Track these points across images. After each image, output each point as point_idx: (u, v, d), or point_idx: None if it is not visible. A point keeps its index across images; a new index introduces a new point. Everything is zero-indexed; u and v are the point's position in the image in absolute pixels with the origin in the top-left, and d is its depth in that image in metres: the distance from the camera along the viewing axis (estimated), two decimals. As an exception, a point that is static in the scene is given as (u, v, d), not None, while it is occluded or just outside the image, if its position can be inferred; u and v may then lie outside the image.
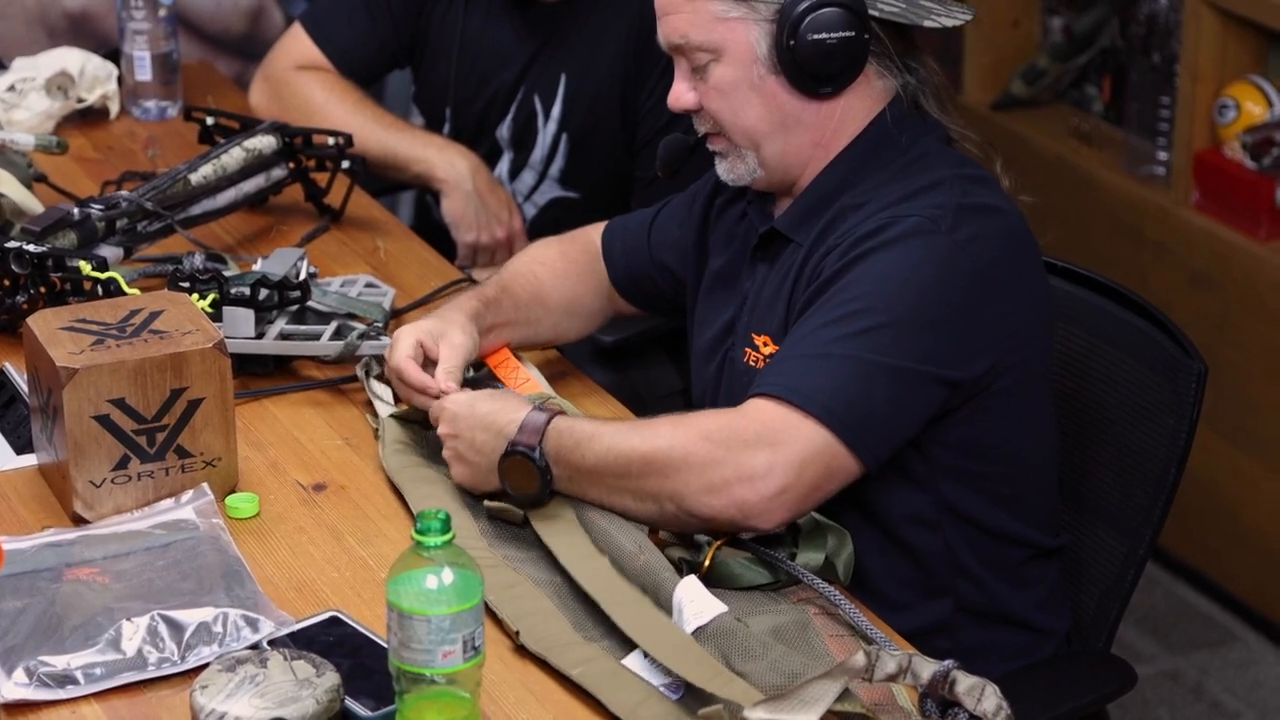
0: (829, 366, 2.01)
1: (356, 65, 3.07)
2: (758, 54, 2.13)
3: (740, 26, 2.12)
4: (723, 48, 2.13)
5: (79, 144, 3.04)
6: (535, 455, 2.05)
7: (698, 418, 2.04)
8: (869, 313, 2.03)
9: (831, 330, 2.03)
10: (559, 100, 2.98)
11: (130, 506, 2.13)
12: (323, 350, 2.42)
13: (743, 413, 2.02)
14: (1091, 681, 2.21)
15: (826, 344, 2.03)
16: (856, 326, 2.02)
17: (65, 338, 2.12)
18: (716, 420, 2.02)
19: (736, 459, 1.98)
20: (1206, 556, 3.63)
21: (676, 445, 2.01)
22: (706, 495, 1.98)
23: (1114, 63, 3.91)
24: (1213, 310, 3.52)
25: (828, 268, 2.09)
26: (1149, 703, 3.40)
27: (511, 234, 2.99)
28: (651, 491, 2.01)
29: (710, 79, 2.15)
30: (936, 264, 2.05)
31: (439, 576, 1.74)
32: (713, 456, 1.98)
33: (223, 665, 1.83)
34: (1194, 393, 2.24)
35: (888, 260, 2.05)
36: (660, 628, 1.90)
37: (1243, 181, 3.52)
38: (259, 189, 2.77)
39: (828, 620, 1.98)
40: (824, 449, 1.99)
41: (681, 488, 1.99)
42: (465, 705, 1.77)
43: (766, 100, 2.15)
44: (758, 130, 2.16)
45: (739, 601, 1.99)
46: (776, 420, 1.99)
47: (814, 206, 2.18)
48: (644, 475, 2.01)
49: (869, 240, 2.07)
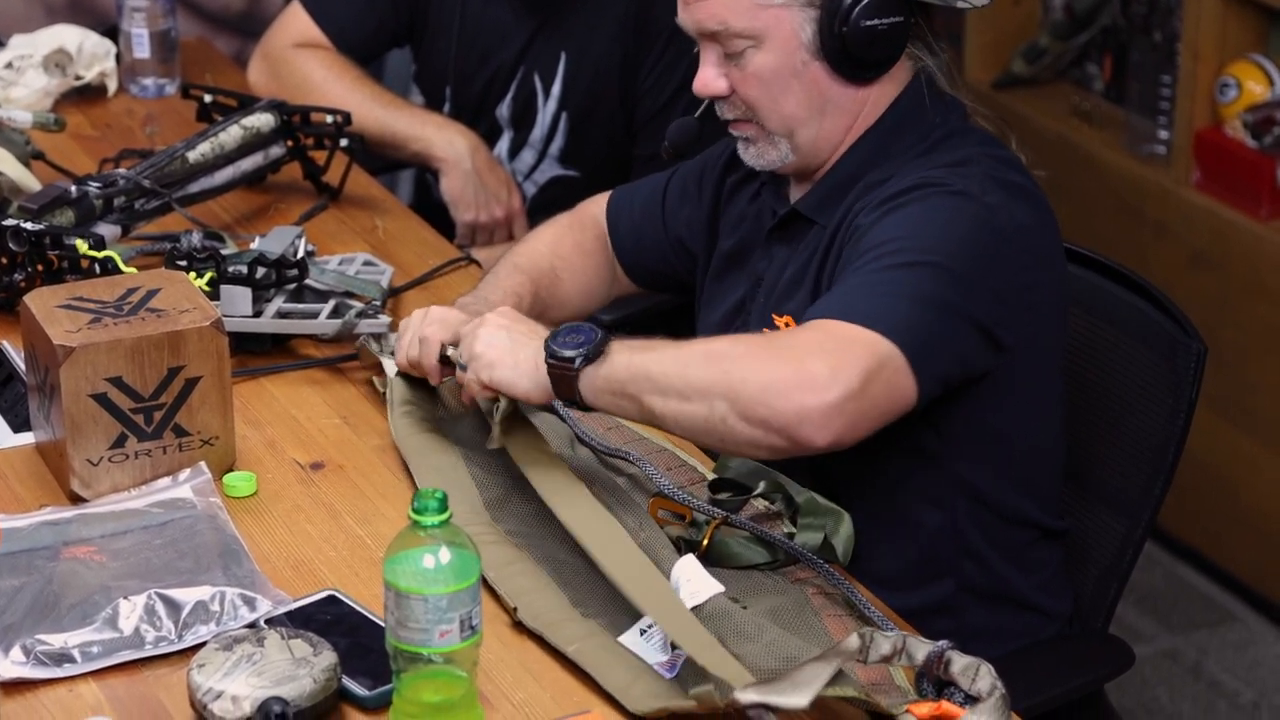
0: (883, 293, 1.96)
1: (355, 43, 3.07)
2: (801, 40, 2.10)
3: (784, 13, 2.09)
4: (764, 34, 2.10)
5: (77, 121, 3.04)
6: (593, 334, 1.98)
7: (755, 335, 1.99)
8: (913, 251, 1.99)
9: (877, 266, 1.98)
10: (559, 79, 2.97)
11: (127, 485, 2.12)
12: (320, 329, 2.42)
13: (802, 328, 1.96)
14: (1090, 661, 2.21)
15: (875, 275, 1.98)
16: (902, 260, 1.98)
17: (62, 316, 2.11)
18: (775, 334, 1.96)
19: (800, 362, 1.88)
20: (1205, 536, 3.63)
21: (739, 343, 1.94)
22: (764, 395, 1.87)
23: (1115, 41, 3.90)
24: (1213, 290, 3.51)
25: (860, 225, 2.06)
26: (1148, 682, 3.40)
27: (510, 213, 2.99)
28: (704, 385, 1.90)
29: (748, 66, 2.12)
30: (970, 220, 2.03)
31: (436, 556, 1.73)
32: (776, 357, 1.90)
33: (220, 644, 1.83)
34: (1193, 373, 2.24)
35: (923, 210, 2.03)
36: (666, 599, 1.89)
37: (1244, 161, 3.51)
38: (257, 167, 2.77)
39: (826, 600, 1.98)
40: (888, 361, 1.91)
41: (739, 384, 1.89)
42: (462, 684, 1.77)
43: (808, 87, 2.12)
44: (796, 117, 2.13)
45: (737, 581, 1.98)
46: (840, 330, 1.92)
47: (838, 187, 2.16)
48: (701, 364, 1.92)
49: (901, 196, 2.05)
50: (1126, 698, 3.32)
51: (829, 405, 1.87)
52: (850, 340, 1.91)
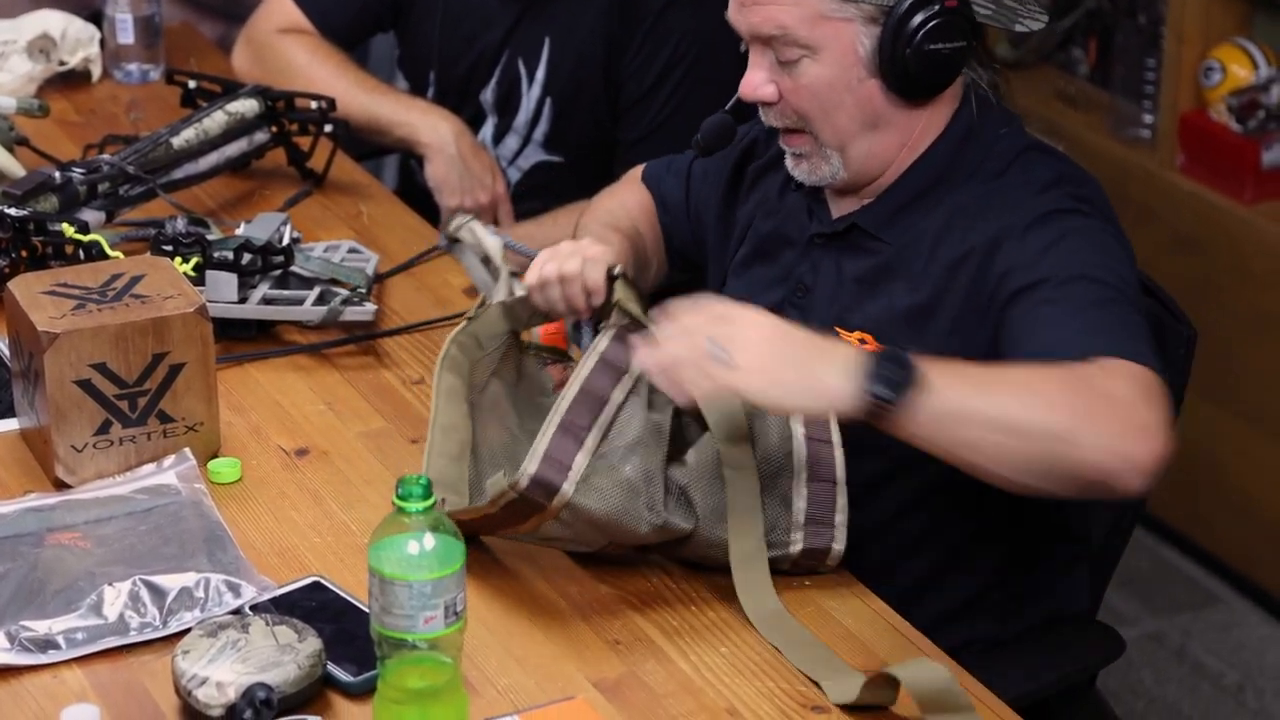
0: (1132, 333, 1.92)
1: (339, 28, 3.06)
2: (860, 55, 2.05)
3: (845, 26, 2.04)
4: (822, 46, 2.05)
5: (60, 107, 3.03)
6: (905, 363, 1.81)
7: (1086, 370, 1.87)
8: (1118, 285, 1.96)
9: (1104, 299, 1.94)
10: (542, 64, 2.97)
11: (112, 471, 2.12)
12: (306, 315, 2.42)
13: (1109, 369, 1.87)
14: (1079, 649, 2.22)
15: (1112, 312, 1.94)
16: (1119, 295, 1.95)
17: (46, 302, 2.11)
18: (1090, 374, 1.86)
19: (1130, 414, 1.82)
20: (1190, 519, 3.63)
21: (1068, 386, 1.83)
22: (1109, 445, 1.79)
23: (1099, 25, 3.90)
24: (1197, 273, 3.52)
25: (1020, 263, 1.99)
26: (1132, 665, 3.41)
27: (495, 198, 2.98)
28: (1043, 430, 1.80)
29: (802, 76, 2.07)
30: (1116, 244, 2.02)
31: (420, 542, 1.74)
32: (1113, 408, 1.82)
33: (204, 630, 1.83)
34: (1182, 357, 2.24)
35: (1088, 239, 2.00)
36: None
37: (1228, 144, 3.51)
38: (241, 153, 2.76)
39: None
40: (1171, 412, 1.87)
41: (1084, 429, 1.79)
42: (447, 670, 1.77)
43: (861, 103, 2.07)
44: (847, 131, 2.09)
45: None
46: (1144, 376, 1.86)
47: (905, 206, 2.11)
48: (1041, 407, 1.81)
49: (1046, 221, 2.01)
50: (1111, 680, 3.33)
51: (1160, 457, 1.82)
52: (1156, 389, 1.85)
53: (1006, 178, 2.10)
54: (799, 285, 2.19)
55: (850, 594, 2.01)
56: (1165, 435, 1.82)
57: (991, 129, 2.13)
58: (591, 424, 1.92)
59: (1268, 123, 3.50)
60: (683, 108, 2.88)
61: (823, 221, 2.19)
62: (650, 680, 1.88)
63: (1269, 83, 3.50)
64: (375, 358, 2.42)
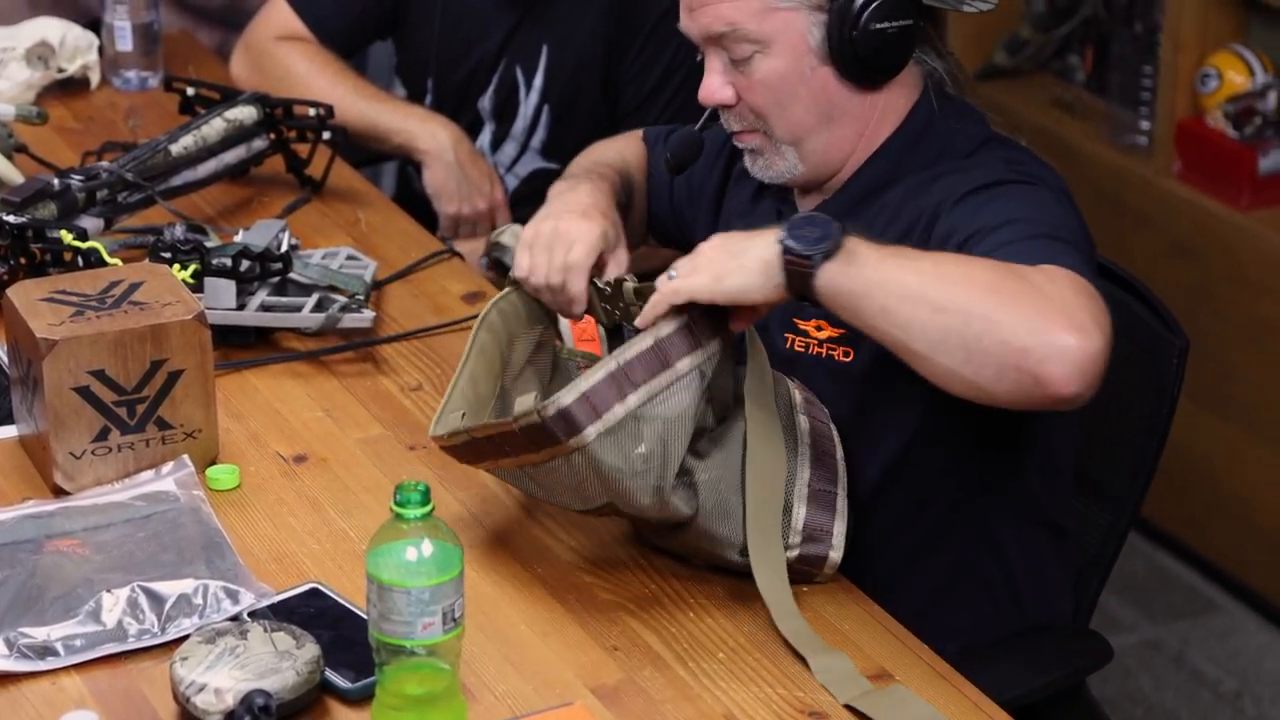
0: (1081, 266, 1.90)
1: (337, 35, 3.07)
2: (810, 44, 2.06)
3: (793, 16, 2.06)
4: (773, 39, 2.06)
5: (59, 114, 3.03)
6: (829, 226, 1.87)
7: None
8: (1060, 230, 1.96)
9: (1040, 234, 1.93)
10: (540, 72, 2.98)
11: (111, 478, 2.12)
12: (304, 322, 2.42)
13: (1041, 269, 1.85)
14: (1068, 655, 2.22)
15: (1048, 243, 1.93)
16: (1061, 235, 1.94)
17: (45, 309, 2.11)
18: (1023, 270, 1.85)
19: (1065, 303, 1.81)
20: (1187, 526, 3.64)
21: (999, 271, 1.84)
22: (1032, 325, 1.79)
23: (1096, 32, 3.91)
24: (1194, 280, 3.52)
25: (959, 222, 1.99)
26: (1130, 672, 3.41)
27: (493, 205, 2.99)
28: (965, 304, 1.81)
29: (755, 73, 2.08)
30: (1062, 214, 2.01)
31: (418, 548, 1.74)
32: (1040, 294, 1.81)
33: (203, 637, 1.83)
34: (1176, 367, 2.24)
35: (1028, 198, 2.00)
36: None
37: (1225, 151, 3.52)
38: (240, 160, 2.77)
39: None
40: (1111, 333, 1.84)
41: (1008, 307, 1.80)
42: (445, 677, 1.77)
43: (815, 93, 2.09)
44: (804, 124, 2.10)
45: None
46: (1084, 284, 1.86)
47: (861, 198, 2.13)
48: (963, 284, 1.83)
49: (988, 189, 2.01)
50: (1109, 688, 3.33)
51: (1092, 352, 1.79)
52: (1094, 296, 1.85)
53: (965, 163, 2.10)
54: None
55: (849, 599, 2.01)
56: (1099, 333, 1.80)
57: (951, 121, 2.14)
58: (643, 382, 1.90)
59: (1264, 129, 3.51)
60: (681, 113, 2.88)
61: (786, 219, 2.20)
62: (648, 687, 1.88)
63: (1265, 89, 3.51)
64: (373, 364, 2.42)
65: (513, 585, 2.02)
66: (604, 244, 2.18)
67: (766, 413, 1.97)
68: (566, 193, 2.26)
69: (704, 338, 1.93)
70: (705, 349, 1.93)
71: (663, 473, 1.92)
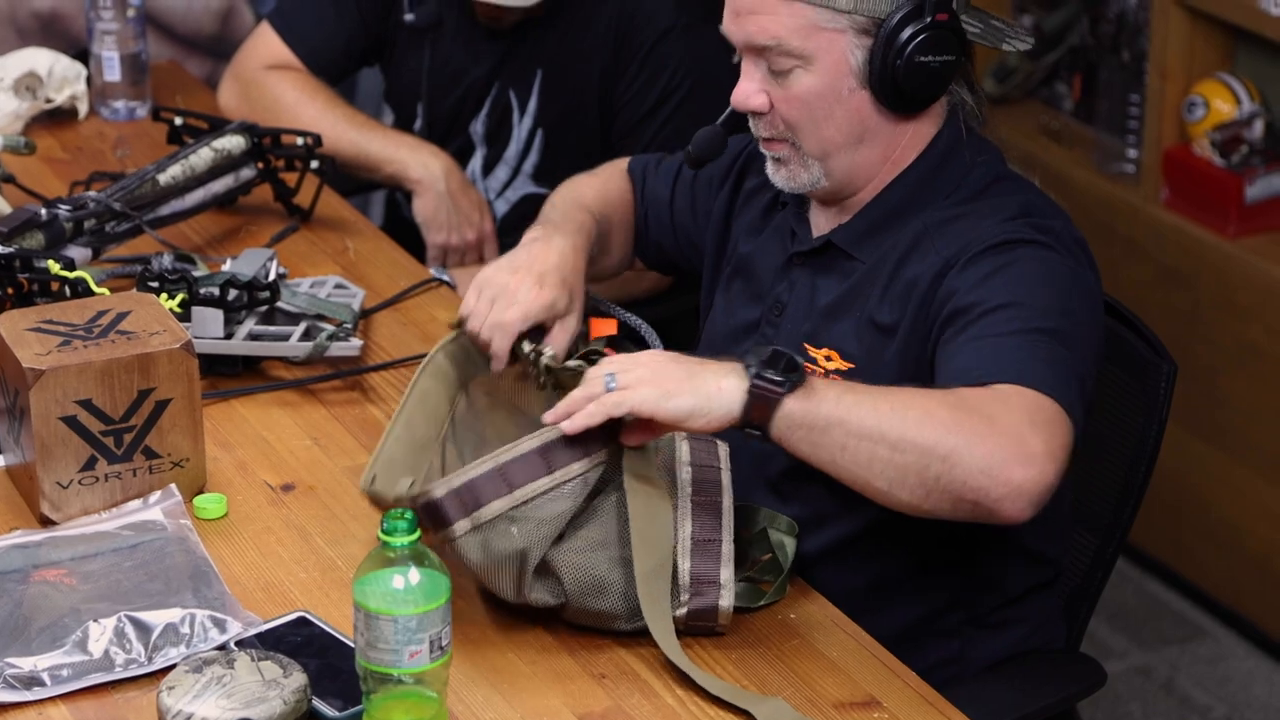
0: (1051, 362, 1.92)
1: (325, 63, 3.07)
2: (851, 67, 2.07)
3: (838, 37, 2.06)
4: (815, 56, 2.06)
5: (47, 144, 3.04)
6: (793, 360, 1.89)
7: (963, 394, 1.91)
8: (1048, 315, 1.97)
9: (1021, 327, 1.95)
10: (534, 95, 2.98)
11: (98, 508, 2.12)
12: (292, 351, 2.42)
13: (1003, 392, 1.89)
14: (1060, 680, 2.22)
15: (1030, 341, 1.94)
16: (1046, 325, 1.95)
17: (32, 339, 2.11)
18: (981, 397, 1.89)
19: (1019, 438, 1.84)
20: (1177, 552, 3.64)
21: (957, 408, 1.87)
22: (987, 466, 1.83)
23: (1084, 61, 3.92)
24: (1182, 307, 3.53)
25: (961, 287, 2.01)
26: (1120, 698, 3.41)
27: (482, 235, 2.99)
28: (922, 444, 1.84)
29: (793, 86, 2.08)
30: (1071, 279, 2.03)
31: (405, 576, 1.74)
32: (994, 428, 1.85)
33: (190, 666, 1.83)
34: (1164, 392, 2.24)
35: (1034, 269, 2.01)
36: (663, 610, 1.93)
37: (1212, 179, 3.53)
38: (228, 189, 2.77)
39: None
40: (1071, 442, 1.89)
41: (962, 450, 1.84)
42: (432, 705, 1.77)
43: (850, 114, 2.09)
44: (834, 142, 2.11)
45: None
46: (1041, 404, 1.88)
47: (879, 224, 2.13)
48: (920, 421, 1.85)
49: (998, 251, 2.02)
50: (1100, 714, 3.33)
51: (1044, 485, 1.85)
52: (1052, 417, 1.88)
53: (977, 204, 2.11)
54: (776, 303, 2.21)
55: (834, 625, 2.01)
56: (1051, 463, 1.85)
57: (971, 153, 2.14)
58: (521, 485, 1.91)
59: (1251, 157, 3.52)
60: (675, 137, 2.89)
61: (802, 240, 2.20)
62: (636, 714, 1.88)
63: (1252, 118, 3.52)
64: (361, 393, 2.42)
65: (500, 613, 2.01)
66: (548, 314, 2.18)
67: (648, 485, 1.96)
68: (538, 244, 2.27)
69: (594, 446, 1.93)
70: (593, 457, 1.93)
71: (524, 570, 1.92)
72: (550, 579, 1.95)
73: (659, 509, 1.95)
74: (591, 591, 1.94)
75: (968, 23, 2.10)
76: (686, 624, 1.95)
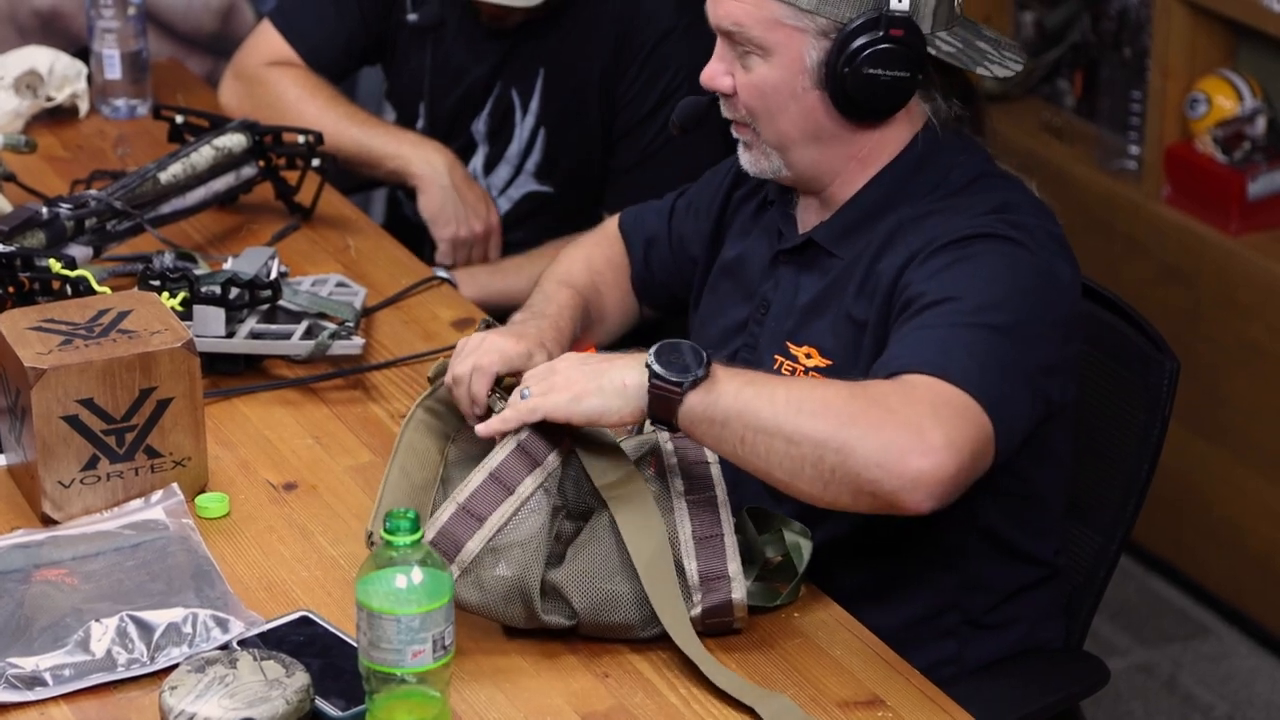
0: (974, 354, 1.93)
1: (327, 61, 3.07)
2: (806, 65, 2.08)
3: (798, 35, 2.07)
4: (773, 50, 2.09)
5: (48, 143, 3.03)
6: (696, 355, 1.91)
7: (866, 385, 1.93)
8: (990, 310, 1.97)
9: (956, 321, 1.96)
10: (537, 94, 2.98)
11: (99, 507, 2.12)
12: (293, 350, 2.42)
13: (908, 384, 1.91)
14: (1063, 679, 2.21)
15: (958, 331, 1.95)
16: (983, 320, 1.96)
17: (33, 338, 2.11)
18: (883, 389, 1.91)
19: (918, 428, 1.85)
20: (1179, 549, 3.63)
21: (855, 398, 1.88)
22: (882, 458, 1.84)
23: (1085, 57, 3.92)
24: (1184, 304, 3.52)
25: (912, 278, 2.03)
26: (1122, 696, 3.40)
27: (489, 229, 2.99)
28: (818, 436, 1.86)
29: (752, 73, 2.11)
30: (1034, 274, 2.02)
31: (408, 576, 1.74)
32: (893, 419, 1.86)
33: (192, 666, 1.82)
34: (1166, 389, 2.24)
35: (990, 263, 2.01)
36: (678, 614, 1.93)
37: (1214, 175, 3.52)
38: (229, 187, 2.77)
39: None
40: (986, 434, 1.90)
41: (856, 442, 1.85)
42: (435, 704, 1.77)
43: (805, 111, 2.11)
44: (789, 136, 2.12)
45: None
46: (948, 394, 1.89)
47: (858, 222, 2.14)
48: (817, 414, 1.87)
49: (959, 245, 2.03)
50: (1101, 712, 3.33)
51: (945, 477, 1.86)
52: (960, 409, 1.89)
53: (955, 200, 2.11)
54: (762, 301, 2.22)
55: (837, 624, 2.01)
56: (952, 455, 1.85)
57: (948, 156, 2.14)
58: (489, 514, 1.92)
59: (1253, 154, 3.51)
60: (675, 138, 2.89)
61: (788, 239, 2.22)
62: (639, 713, 1.88)
63: (1254, 114, 3.52)
64: (363, 391, 2.42)
65: (503, 612, 2.01)
66: (525, 363, 2.17)
67: (631, 498, 1.96)
68: (527, 322, 2.27)
69: (540, 455, 1.95)
70: (544, 466, 1.94)
71: (528, 596, 1.92)
72: (560, 601, 1.94)
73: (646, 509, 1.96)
74: (605, 607, 1.94)
75: (945, 41, 2.09)
76: (704, 624, 1.95)
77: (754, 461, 1.90)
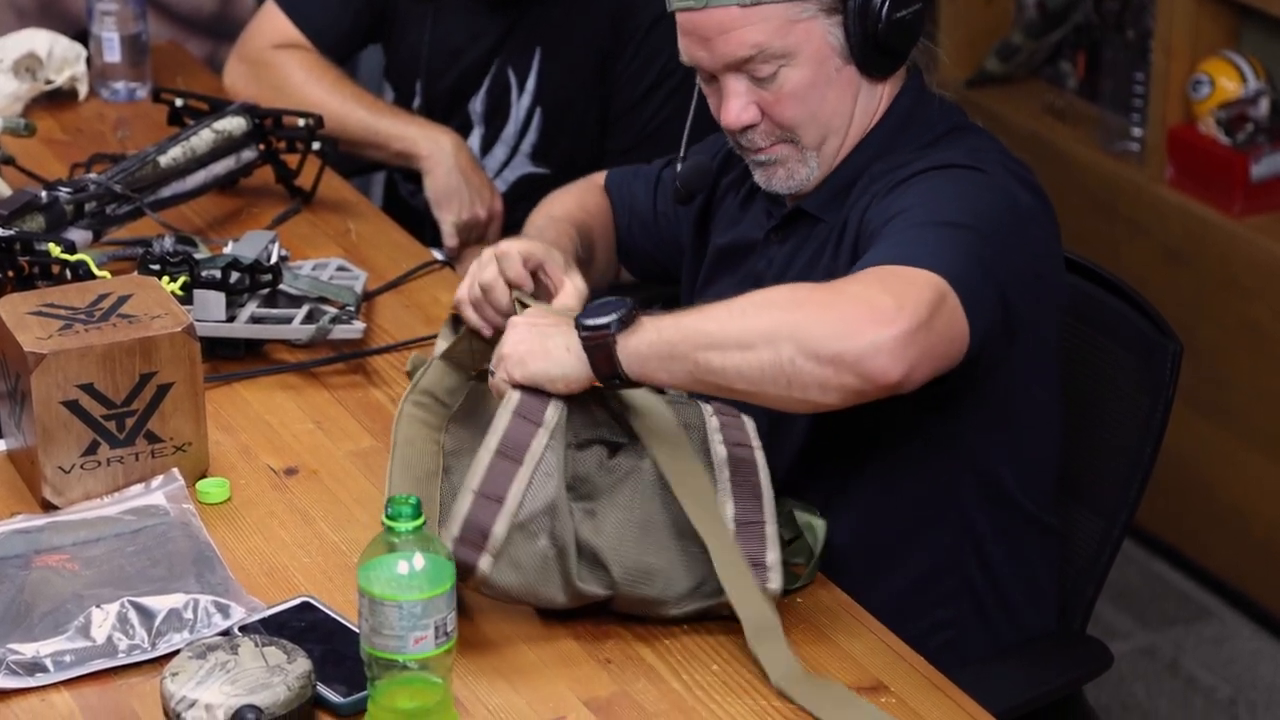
0: (927, 242, 1.95)
1: (332, 42, 3.06)
2: (832, 47, 2.09)
3: (812, 24, 2.08)
4: (797, 51, 2.08)
5: (47, 126, 3.02)
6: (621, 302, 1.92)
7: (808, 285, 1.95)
8: (945, 213, 1.99)
9: (909, 223, 1.98)
10: (534, 74, 2.97)
11: (100, 492, 2.11)
12: (294, 334, 2.41)
13: (856, 275, 1.92)
14: (1067, 663, 2.21)
15: (913, 231, 1.97)
16: (937, 219, 1.98)
17: (33, 322, 2.10)
18: (831, 282, 1.92)
19: (866, 299, 1.86)
20: (1182, 532, 3.63)
21: (797, 290, 1.92)
22: (836, 331, 1.85)
23: (1088, 39, 3.91)
24: (1187, 286, 3.52)
25: (875, 201, 2.06)
26: (1125, 679, 3.40)
27: (492, 213, 2.98)
28: (768, 331, 1.86)
29: (783, 86, 2.10)
30: (992, 194, 2.04)
31: (410, 562, 1.73)
32: (839, 297, 1.87)
33: (193, 652, 1.82)
34: (1170, 372, 2.24)
35: (946, 182, 2.04)
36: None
37: (1217, 157, 3.51)
38: (229, 171, 2.76)
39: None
40: (948, 297, 1.90)
41: (807, 324, 1.86)
42: (438, 690, 1.76)
43: (842, 90, 2.12)
44: (832, 123, 2.13)
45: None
46: (898, 270, 1.90)
47: (845, 185, 2.16)
48: (760, 312, 1.89)
49: (919, 175, 2.06)
50: (1104, 694, 3.32)
51: (902, 335, 1.85)
52: (911, 278, 1.90)
53: (927, 150, 2.13)
54: (755, 278, 2.22)
55: (841, 609, 2.00)
56: (906, 314, 1.85)
57: (935, 111, 2.17)
58: (507, 491, 1.89)
59: (1256, 136, 3.51)
60: (672, 120, 2.89)
61: (776, 216, 2.23)
62: (642, 699, 1.87)
63: (1257, 96, 3.51)
64: (364, 376, 2.41)
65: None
66: (545, 255, 2.17)
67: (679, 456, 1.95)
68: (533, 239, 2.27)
69: (538, 414, 1.94)
70: (545, 424, 1.93)
71: (565, 560, 1.91)
72: (599, 569, 1.93)
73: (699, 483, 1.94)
74: (641, 579, 1.93)
75: None
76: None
77: (714, 380, 1.89)
